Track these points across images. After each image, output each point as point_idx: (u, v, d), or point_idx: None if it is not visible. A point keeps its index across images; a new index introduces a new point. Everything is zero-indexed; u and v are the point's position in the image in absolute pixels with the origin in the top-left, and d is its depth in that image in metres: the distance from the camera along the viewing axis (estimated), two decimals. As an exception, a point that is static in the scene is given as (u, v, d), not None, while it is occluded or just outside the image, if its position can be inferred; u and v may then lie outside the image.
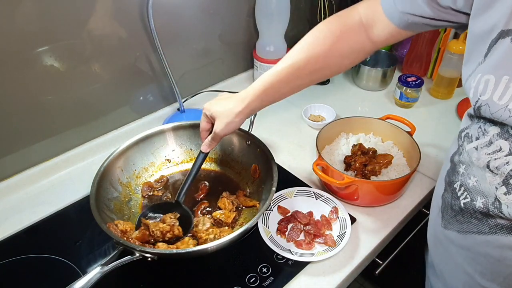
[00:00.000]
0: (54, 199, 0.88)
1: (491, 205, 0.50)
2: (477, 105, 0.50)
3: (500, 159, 0.48)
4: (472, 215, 0.54)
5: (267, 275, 0.71)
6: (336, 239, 0.76)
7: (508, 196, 0.48)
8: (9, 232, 0.81)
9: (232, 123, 0.72)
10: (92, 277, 0.60)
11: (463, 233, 0.57)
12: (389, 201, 0.86)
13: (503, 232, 0.51)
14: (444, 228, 0.61)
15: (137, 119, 1.06)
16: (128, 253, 0.65)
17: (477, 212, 0.53)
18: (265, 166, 0.83)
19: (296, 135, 1.07)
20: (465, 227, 0.56)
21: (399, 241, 0.89)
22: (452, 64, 1.12)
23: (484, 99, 0.48)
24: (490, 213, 0.51)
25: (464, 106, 1.13)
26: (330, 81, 1.28)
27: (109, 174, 0.81)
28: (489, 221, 0.52)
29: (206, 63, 1.15)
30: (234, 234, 0.65)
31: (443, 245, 0.64)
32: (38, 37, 0.79)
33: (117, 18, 0.88)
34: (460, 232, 0.58)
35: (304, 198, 0.85)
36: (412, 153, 0.86)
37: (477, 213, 0.53)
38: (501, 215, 0.49)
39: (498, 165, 0.48)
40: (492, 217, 0.51)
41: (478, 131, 0.51)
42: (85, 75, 0.90)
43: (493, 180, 0.49)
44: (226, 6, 1.09)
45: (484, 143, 0.50)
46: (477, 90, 0.49)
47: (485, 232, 0.53)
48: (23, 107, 0.84)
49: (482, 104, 0.48)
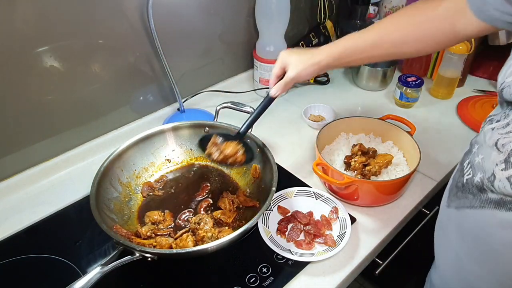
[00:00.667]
0: (54, 199, 0.88)
1: (486, 180, 0.53)
2: (500, 88, 0.53)
3: (509, 138, 0.51)
4: (469, 190, 0.57)
5: (267, 275, 0.71)
6: (336, 239, 0.76)
7: (503, 172, 0.50)
8: (9, 232, 0.81)
9: (306, 70, 0.73)
10: (92, 277, 0.60)
11: (459, 208, 0.60)
12: (389, 201, 0.86)
13: (490, 206, 0.53)
14: (447, 207, 0.64)
15: (137, 119, 1.06)
16: (128, 253, 0.65)
17: (474, 187, 0.56)
18: (265, 166, 0.83)
19: (296, 135, 1.07)
20: (462, 202, 0.59)
21: (399, 241, 0.89)
22: (452, 64, 1.12)
23: (508, 81, 0.51)
24: (484, 187, 0.54)
25: (464, 106, 1.13)
26: (330, 81, 1.28)
27: (109, 174, 0.81)
28: (481, 196, 0.55)
29: (206, 63, 1.15)
30: (234, 234, 0.65)
31: (442, 228, 0.67)
32: (38, 37, 0.79)
33: (117, 18, 0.89)
34: (457, 208, 0.61)
35: (304, 198, 0.85)
36: (412, 153, 0.86)
37: (473, 188, 0.56)
38: (492, 189, 0.52)
39: (504, 143, 0.51)
40: (485, 192, 0.54)
41: (501, 115, 0.54)
42: (85, 75, 0.90)
43: (497, 158, 0.52)
44: (226, 6, 1.09)
45: (501, 125, 0.53)
46: (505, 73, 0.53)
47: (475, 206, 0.56)
48: (23, 107, 0.84)
49: (505, 86, 0.52)
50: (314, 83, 1.27)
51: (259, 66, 1.16)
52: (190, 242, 0.71)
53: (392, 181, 0.80)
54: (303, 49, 0.75)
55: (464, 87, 1.23)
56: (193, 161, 0.94)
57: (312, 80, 1.26)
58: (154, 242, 0.73)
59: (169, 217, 0.80)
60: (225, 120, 0.92)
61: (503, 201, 0.51)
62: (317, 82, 1.27)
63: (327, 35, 1.41)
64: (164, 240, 0.73)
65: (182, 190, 0.88)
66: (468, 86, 1.24)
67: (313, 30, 1.37)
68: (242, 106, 0.90)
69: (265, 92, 1.19)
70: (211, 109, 1.12)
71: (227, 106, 0.91)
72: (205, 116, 1.10)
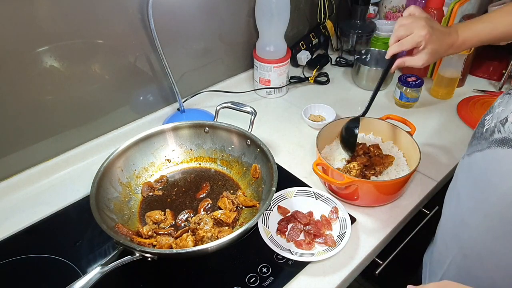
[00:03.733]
0: (54, 199, 0.88)
1: (499, 123, 0.56)
2: None
3: None
4: (482, 136, 0.60)
5: (267, 275, 0.71)
6: (336, 239, 0.76)
7: None
8: (9, 232, 0.81)
9: None
10: (92, 277, 0.60)
11: (470, 154, 0.62)
12: (389, 201, 0.86)
13: (494, 145, 0.56)
14: (462, 159, 0.67)
15: (137, 119, 1.06)
16: (128, 253, 0.65)
17: (487, 132, 0.59)
18: (265, 166, 0.83)
19: (296, 135, 1.07)
20: (474, 148, 0.61)
21: (399, 241, 0.89)
22: (452, 64, 1.12)
23: None
24: (495, 129, 0.57)
25: (464, 106, 1.13)
26: (330, 81, 1.28)
27: (109, 174, 0.81)
28: (490, 138, 0.57)
29: (206, 63, 1.15)
30: (234, 234, 0.65)
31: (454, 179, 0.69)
32: (38, 37, 0.79)
33: (117, 18, 0.89)
34: (469, 155, 0.63)
35: (304, 198, 0.85)
36: (412, 153, 0.86)
37: (487, 132, 0.59)
38: (501, 130, 0.55)
39: None
40: (494, 134, 0.57)
41: None
42: (85, 75, 0.90)
43: None
44: (226, 6, 1.09)
45: None
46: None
47: (484, 148, 0.58)
48: (23, 107, 0.84)
49: None
50: (314, 83, 1.27)
51: (259, 66, 1.16)
52: (190, 242, 0.71)
53: (392, 181, 0.80)
54: None
55: (464, 87, 1.23)
56: (193, 161, 0.94)
57: (312, 80, 1.26)
58: (154, 241, 0.73)
59: (170, 215, 0.80)
60: (225, 120, 0.92)
61: (506, 139, 0.54)
62: (317, 82, 1.27)
63: (327, 35, 1.41)
64: (164, 240, 0.73)
65: (182, 190, 0.88)
66: (468, 86, 1.24)
67: (313, 30, 1.37)
68: (242, 106, 0.91)
69: (265, 92, 1.19)
70: (211, 109, 1.12)
71: (227, 106, 0.91)
72: (205, 116, 1.10)
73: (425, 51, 0.75)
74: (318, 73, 1.28)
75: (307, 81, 1.27)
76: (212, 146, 0.93)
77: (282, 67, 1.16)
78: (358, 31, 1.32)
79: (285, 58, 1.15)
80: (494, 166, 0.56)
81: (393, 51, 0.78)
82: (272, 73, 1.15)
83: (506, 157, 0.53)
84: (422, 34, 0.73)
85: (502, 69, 1.21)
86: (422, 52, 0.75)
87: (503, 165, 0.54)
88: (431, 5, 1.12)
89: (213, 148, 0.93)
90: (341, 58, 1.39)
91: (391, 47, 0.78)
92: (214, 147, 0.93)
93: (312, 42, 1.36)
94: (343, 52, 1.40)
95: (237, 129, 0.89)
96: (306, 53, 1.30)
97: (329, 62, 1.36)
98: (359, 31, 1.32)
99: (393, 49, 0.78)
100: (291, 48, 1.26)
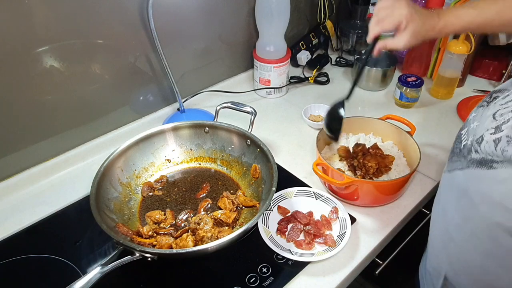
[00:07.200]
0: (54, 199, 0.88)
1: (475, 142, 0.55)
2: None
3: (508, 108, 0.53)
4: (461, 153, 0.59)
5: (267, 275, 0.71)
6: (336, 239, 0.76)
7: (492, 135, 0.52)
8: (9, 232, 0.81)
9: None
10: (92, 277, 0.60)
11: (451, 171, 0.62)
12: (389, 201, 0.86)
13: (473, 166, 0.55)
14: (443, 172, 0.67)
15: (137, 119, 1.06)
16: (128, 253, 0.65)
17: (464, 149, 0.58)
18: (265, 166, 0.83)
19: (296, 135, 1.07)
20: (454, 165, 0.61)
21: (399, 241, 0.89)
22: (452, 64, 1.12)
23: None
24: (472, 148, 0.56)
25: (464, 106, 1.13)
26: (330, 81, 1.28)
27: (109, 174, 0.81)
28: (467, 157, 0.57)
29: (206, 63, 1.15)
30: (234, 234, 0.65)
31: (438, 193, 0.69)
32: (38, 37, 0.79)
33: (117, 18, 0.89)
34: (449, 171, 0.62)
35: (304, 198, 0.85)
36: (412, 153, 0.86)
37: (464, 149, 0.58)
38: (477, 149, 0.54)
39: (503, 113, 0.53)
40: (471, 153, 0.56)
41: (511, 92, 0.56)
42: (85, 75, 0.90)
43: (490, 124, 0.54)
44: (226, 6, 1.09)
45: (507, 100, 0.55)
46: None
47: (463, 167, 0.57)
48: (23, 107, 0.84)
49: None
50: (314, 83, 1.27)
51: (259, 66, 1.16)
52: (190, 242, 0.71)
53: (392, 181, 0.80)
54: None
55: (464, 87, 1.23)
56: (193, 161, 0.94)
57: (312, 80, 1.26)
58: (154, 241, 0.73)
59: (170, 215, 0.80)
60: (225, 120, 0.92)
61: (484, 160, 0.53)
62: (317, 82, 1.27)
63: (327, 35, 1.41)
64: (164, 240, 0.73)
65: (182, 190, 0.88)
66: (468, 86, 1.24)
67: (313, 30, 1.37)
68: (242, 106, 0.91)
69: (265, 92, 1.19)
70: (211, 109, 1.12)
71: (227, 106, 0.91)
72: (205, 116, 1.10)
73: (407, 31, 0.72)
74: (318, 73, 1.28)
75: (307, 81, 1.27)
76: (212, 146, 0.93)
77: (282, 67, 1.16)
78: (358, 31, 1.32)
79: (285, 58, 1.15)
80: (475, 186, 0.55)
81: (375, 33, 0.75)
82: (272, 73, 1.15)
83: (485, 178, 0.53)
84: (403, 13, 0.71)
85: (502, 69, 1.21)
86: (404, 33, 0.72)
87: (483, 186, 0.53)
88: (431, 5, 1.12)
89: (213, 148, 0.93)
90: (341, 58, 1.39)
91: (372, 28, 0.75)
92: (214, 147, 0.93)
93: (312, 42, 1.36)
94: (343, 52, 1.40)
95: (237, 129, 0.89)
96: (306, 53, 1.30)
97: (329, 62, 1.36)
98: (359, 31, 1.32)
99: (374, 30, 0.75)
100: (291, 48, 1.26)
